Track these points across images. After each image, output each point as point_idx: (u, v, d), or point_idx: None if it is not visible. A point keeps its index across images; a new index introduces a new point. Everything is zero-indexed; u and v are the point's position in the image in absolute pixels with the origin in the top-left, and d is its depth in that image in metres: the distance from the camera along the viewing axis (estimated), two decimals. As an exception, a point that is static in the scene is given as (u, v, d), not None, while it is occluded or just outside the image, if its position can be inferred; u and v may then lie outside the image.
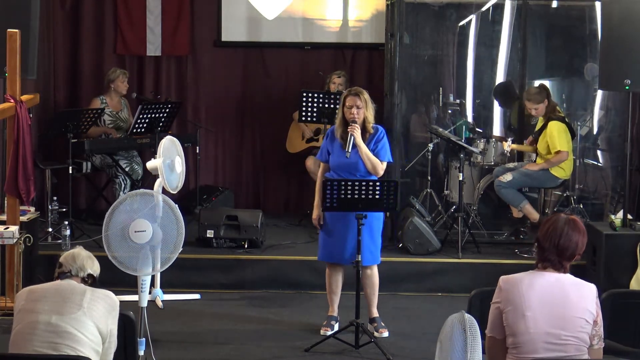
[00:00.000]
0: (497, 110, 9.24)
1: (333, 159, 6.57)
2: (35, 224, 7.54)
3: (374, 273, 6.66)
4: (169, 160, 6.25)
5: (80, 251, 4.43)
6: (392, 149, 7.28)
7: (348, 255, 6.50)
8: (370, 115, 6.53)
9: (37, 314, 4.13)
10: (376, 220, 6.57)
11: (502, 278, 4.12)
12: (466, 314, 3.45)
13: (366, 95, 6.51)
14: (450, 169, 8.77)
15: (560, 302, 4.00)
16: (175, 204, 5.47)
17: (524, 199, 8.28)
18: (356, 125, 6.43)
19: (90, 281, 4.34)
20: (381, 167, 6.55)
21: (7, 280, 6.90)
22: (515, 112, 8.98)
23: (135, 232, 5.20)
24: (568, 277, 4.08)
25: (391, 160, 6.80)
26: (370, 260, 6.56)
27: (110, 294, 4.31)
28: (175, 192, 6.43)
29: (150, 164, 6.44)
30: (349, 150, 6.42)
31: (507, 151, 8.51)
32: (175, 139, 6.44)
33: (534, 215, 8.27)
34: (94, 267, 4.39)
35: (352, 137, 6.42)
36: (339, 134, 6.55)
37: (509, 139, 8.51)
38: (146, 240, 5.22)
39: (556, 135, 8.03)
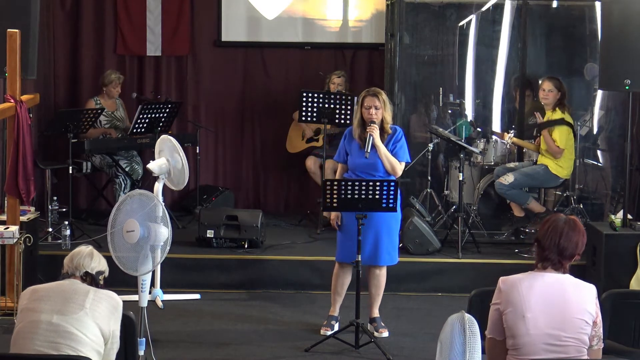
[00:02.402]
0: (497, 110, 9.23)
1: (351, 159, 6.55)
2: (35, 224, 7.53)
3: (383, 273, 6.65)
4: (172, 158, 6.26)
5: (80, 250, 4.37)
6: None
7: (366, 255, 6.47)
8: (389, 116, 6.52)
9: (39, 314, 4.12)
10: (395, 220, 6.57)
11: (502, 279, 4.12)
12: (466, 314, 3.45)
13: (384, 96, 6.50)
14: (450, 169, 8.77)
15: (560, 303, 3.99)
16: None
17: (529, 196, 8.33)
18: (375, 125, 6.41)
19: (89, 279, 4.29)
20: (400, 168, 6.54)
21: (7, 280, 6.90)
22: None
23: (127, 232, 5.21)
24: (568, 278, 4.08)
25: (409, 161, 6.78)
26: (388, 261, 6.58)
27: (113, 294, 4.29)
28: (180, 189, 6.43)
29: (152, 165, 6.43)
30: (368, 151, 6.40)
31: (507, 143, 8.50)
32: (169, 137, 6.44)
33: (539, 208, 8.34)
34: (92, 265, 4.32)
35: (371, 138, 6.40)
36: (357, 134, 6.52)
37: (511, 131, 8.51)
38: (135, 240, 5.21)
39: (557, 134, 8.07)
